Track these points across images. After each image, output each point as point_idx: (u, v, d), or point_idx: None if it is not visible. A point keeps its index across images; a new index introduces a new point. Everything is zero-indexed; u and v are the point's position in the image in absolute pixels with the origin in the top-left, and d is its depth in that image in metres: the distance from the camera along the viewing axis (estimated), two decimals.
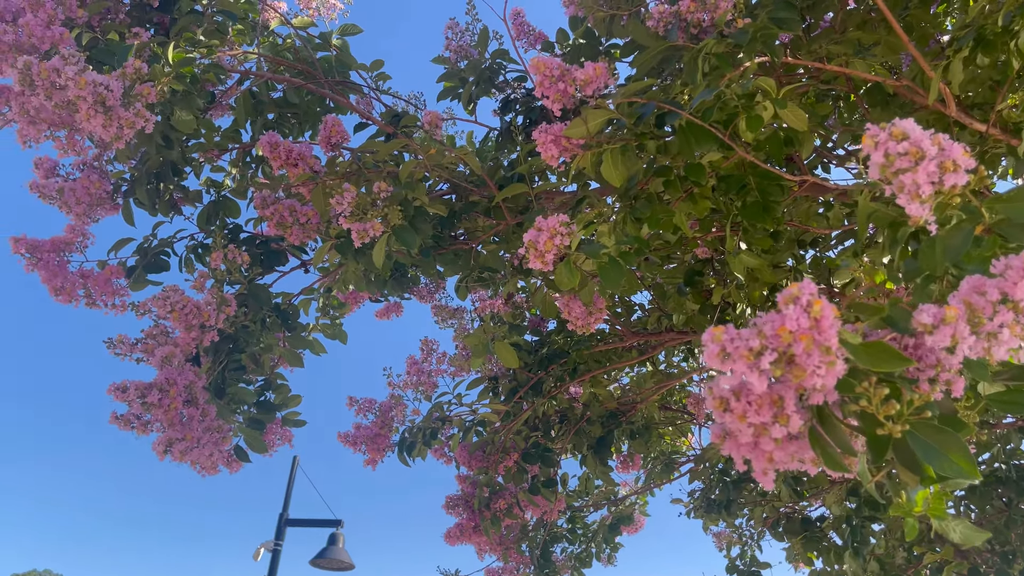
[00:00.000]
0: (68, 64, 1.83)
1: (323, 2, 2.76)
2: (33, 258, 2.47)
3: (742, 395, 0.93)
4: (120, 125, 1.85)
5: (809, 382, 0.89)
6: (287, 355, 2.67)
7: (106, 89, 1.83)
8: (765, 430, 0.93)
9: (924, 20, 2.45)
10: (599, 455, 3.22)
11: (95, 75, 1.80)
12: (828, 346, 0.87)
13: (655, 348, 3.15)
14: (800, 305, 0.89)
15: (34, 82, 1.86)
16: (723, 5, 2.24)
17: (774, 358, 0.88)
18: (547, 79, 1.99)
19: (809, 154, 2.53)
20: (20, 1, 2.18)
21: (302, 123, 2.82)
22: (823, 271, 2.83)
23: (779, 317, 0.89)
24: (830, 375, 0.88)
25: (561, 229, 2.05)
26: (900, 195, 1.11)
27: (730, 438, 0.99)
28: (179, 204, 2.70)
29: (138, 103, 1.88)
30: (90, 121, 1.86)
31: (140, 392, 2.22)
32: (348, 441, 3.03)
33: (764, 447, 0.96)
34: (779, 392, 0.92)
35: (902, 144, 1.10)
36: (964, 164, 1.07)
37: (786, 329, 0.88)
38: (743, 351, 0.89)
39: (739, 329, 0.94)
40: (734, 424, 0.94)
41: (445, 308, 3.26)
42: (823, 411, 0.98)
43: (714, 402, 0.95)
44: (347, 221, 2.19)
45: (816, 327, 0.88)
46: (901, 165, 1.09)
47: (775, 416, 0.92)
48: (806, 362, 0.87)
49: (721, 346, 0.92)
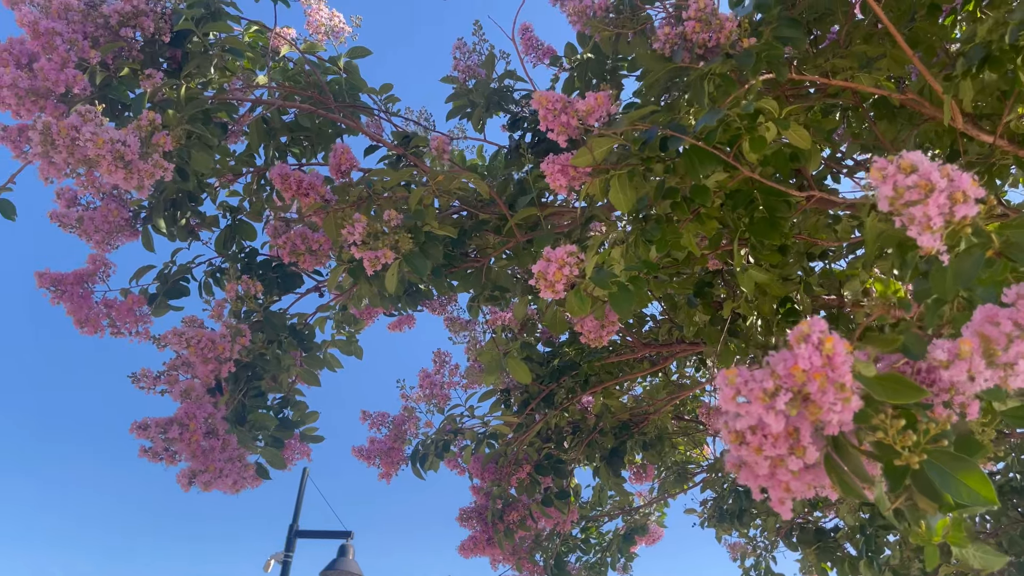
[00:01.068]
0: (86, 122, 1.88)
1: (332, 27, 2.80)
2: (57, 291, 2.54)
3: (758, 430, 0.94)
4: (141, 176, 1.90)
5: (826, 418, 0.89)
6: (304, 374, 2.73)
7: (123, 145, 1.89)
8: (782, 462, 0.94)
9: (930, 32, 2.44)
10: (612, 466, 3.25)
11: (112, 131, 1.86)
12: (843, 383, 0.88)
13: (667, 359, 3.18)
14: (811, 343, 0.89)
15: (55, 141, 1.91)
16: (728, 26, 2.25)
17: (789, 398, 0.89)
18: (550, 113, 2.02)
19: (815, 169, 2.54)
20: (34, 46, 2.24)
21: (315, 145, 2.87)
22: (833, 282, 2.84)
23: (791, 356, 0.90)
24: (846, 411, 0.89)
25: (569, 260, 2.08)
26: (911, 227, 1.12)
27: (746, 468, 1.00)
28: (196, 230, 2.76)
29: (155, 154, 1.93)
30: (112, 175, 1.92)
31: (161, 428, 2.29)
32: (363, 455, 3.09)
33: (781, 478, 0.96)
34: (795, 424, 0.92)
35: (911, 177, 1.10)
36: (974, 194, 1.07)
37: (799, 368, 0.89)
38: (758, 392, 0.90)
39: (752, 370, 0.96)
40: (750, 457, 0.95)
41: (457, 320, 3.31)
42: (839, 440, 0.98)
43: (730, 436, 0.96)
44: (359, 250, 2.24)
45: (829, 364, 0.89)
46: (911, 197, 1.10)
47: (791, 448, 0.93)
48: (821, 400, 0.88)
49: (736, 389, 0.93)
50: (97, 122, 1.96)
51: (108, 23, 2.35)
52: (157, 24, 2.40)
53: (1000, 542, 3.16)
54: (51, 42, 2.21)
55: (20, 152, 2.32)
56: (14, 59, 2.26)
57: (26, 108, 2.18)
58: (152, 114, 2.02)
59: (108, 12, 2.34)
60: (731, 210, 2.33)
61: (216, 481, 2.39)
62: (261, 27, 2.67)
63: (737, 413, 0.94)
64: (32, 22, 2.19)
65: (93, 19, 2.35)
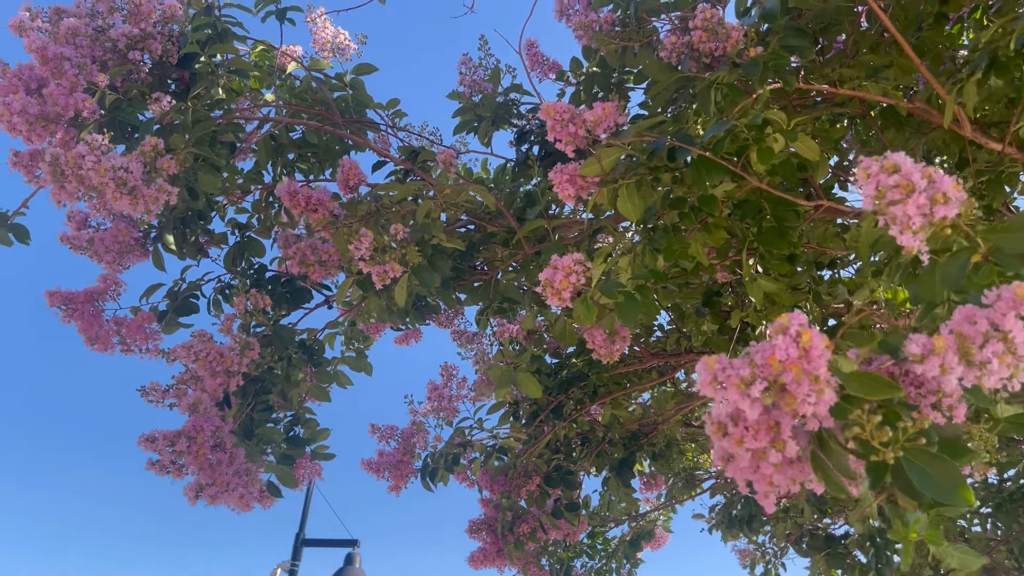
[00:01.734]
0: (92, 151, 1.90)
1: (337, 44, 2.81)
2: (68, 309, 2.56)
3: (739, 420, 0.96)
4: (146, 202, 1.92)
5: (801, 409, 0.91)
6: (314, 390, 2.73)
7: (125, 172, 1.90)
8: (763, 455, 0.96)
9: (937, 41, 2.44)
10: (622, 477, 3.24)
11: (114, 159, 1.87)
12: (817, 375, 0.90)
13: (675, 368, 3.17)
14: (789, 335, 0.92)
15: (63, 171, 1.93)
16: (735, 35, 2.26)
17: (764, 387, 0.91)
18: (557, 123, 2.03)
19: (824, 178, 2.54)
20: (43, 71, 2.25)
21: (322, 161, 2.88)
22: (841, 290, 2.83)
23: (769, 347, 0.92)
24: (821, 403, 0.90)
25: (576, 268, 2.09)
26: (892, 226, 1.13)
27: (731, 461, 1.02)
28: (205, 247, 2.77)
29: (159, 178, 1.95)
30: (117, 202, 1.93)
31: (169, 441, 2.30)
32: (372, 468, 3.09)
33: (764, 471, 0.98)
34: (776, 418, 0.94)
35: (893, 177, 1.12)
36: (954, 196, 1.09)
37: (776, 359, 0.91)
38: (734, 380, 0.92)
39: (731, 359, 0.98)
40: (733, 448, 0.97)
41: (464, 333, 3.31)
42: (823, 436, 1.00)
43: (712, 427, 0.98)
44: (367, 265, 2.25)
45: (805, 356, 0.90)
46: (893, 197, 1.12)
47: (772, 441, 0.95)
48: (796, 390, 0.90)
49: (713, 375, 0.95)
50: (102, 151, 1.97)
51: (116, 47, 2.37)
52: (165, 47, 2.42)
53: (1011, 549, 3.14)
54: (60, 67, 2.23)
55: (32, 177, 2.34)
56: (24, 85, 2.28)
57: (37, 133, 2.20)
58: (155, 140, 2.03)
59: (116, 36, 2.35)
60: (739, 220, 2.33)
61: (223, 495, 2.39)
62: (268, 46, 2.69)
63: (718, 402, 0.96)
64: (41, 48, 2.20)
65: (101, 43, 2.36)
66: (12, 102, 2.09)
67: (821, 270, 2.80)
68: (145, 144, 1.94)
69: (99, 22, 2.39)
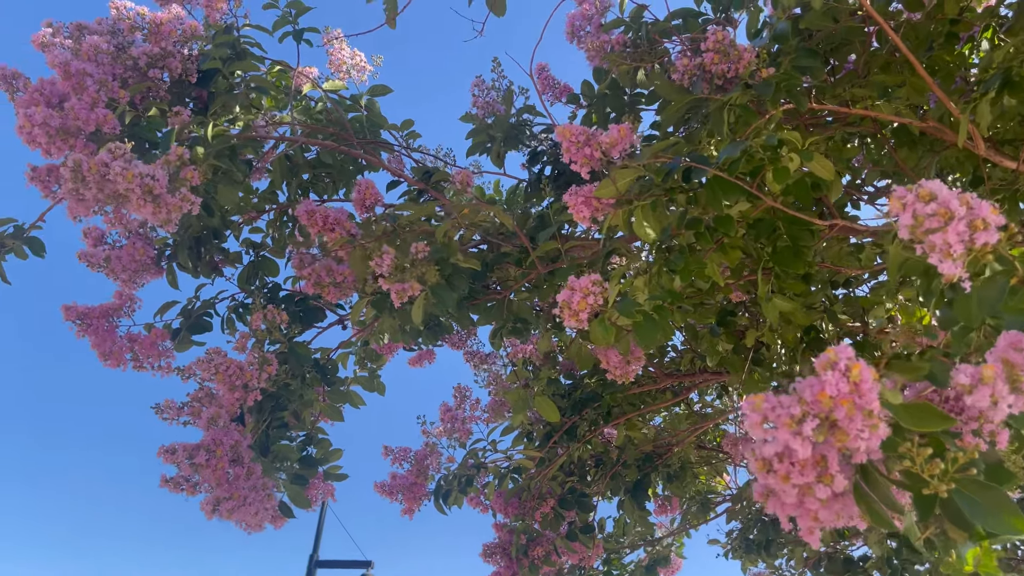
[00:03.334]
0: (116, 158, 1.91)
1: (353, 65, 2.85)
2: (84, 325, 2.56)
3: (785, 457, 0.94)
4: (169, 210, 1.93)
5: (853, 445, 0.90)
6: (327, 410, 2.72)
7: (152, 179, 1.91)
8: (810, 490, 0.94)
9: (948, 60, 2.45)
10: (636, 499, 3.21)
11: (141, 166, 1.88)
12: (870, 410, 0.89)
13: (689, 389, 3.15)
14: (839, 370, 0.90)
15: (85, 177, 1.94)
16: (746, 57, 2.28)
17: (816, 424, 0.90)
18: (573, 145, 2.04)
19: (837, 197, 2.54)
20: (64, 86, 2.28)
21: (336, 182, 2.90)
22: (857, 309, 2.82)
23: (819, 383, 0.90)
24: (874, 438, 0.89)
25: (593, 289, 2.09)
26: (932, 254, 1.12)
27: (774, 497, 1.00)
28: (220, 266, 2.78)
29: (183, 188, 1.96)
30: (141, 209, 1.94)
31: (188, 453, 2.29)
32: (385, 491, 3.06)
33: (810, 506, 0.96)
34: (822, 452, 0.92)
35: (930, 205, 1.11)
36: (994, 222, 1.09)
37: (826, 395, 0.89)
38: (785, 418, 0.91)
39: (779, 396, 0.96)
40: (778, 485, 0.95)
41: (477, 354, 3.30)
42: (867, 468, 0.98)
43: (757, 464, 0.96)
44: (386, 282, 2.25)
45: (856, 391, 0.89)
46: (931, 225, 1.11)
47: (819, 476, 0.93)
48: (849, 427, 0.89)
49: (763, 415, 0.94)
50: (127, 157, 1.99)
51: (137, 64, 2.40)
52: (184, 66, 2.45)
53: None
54: (82, 83, 2.26)
55: (49, 192, 2.35)
56: (45, 99, 2.31)
57: (56, 146, 2.22)
58: (181, 149, 2.05)
59: (137, 54, 2.39)
60: (754, 239, 2.33)
61: (239, 509, 2.37)
62: (284, 67, 2.72)
63: (764, 439, 0.94)
64: (63, 63, 2.23)
65: (122, 61, 2.40)
66: (34, 114, 2.11)
67: (836, 289, 2.79)
68: (171, 153, 1.96)
69: (120, 39, 2.43)
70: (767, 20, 2.53)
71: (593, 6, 2.75)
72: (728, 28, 2.85)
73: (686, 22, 2.74)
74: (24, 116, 2.15)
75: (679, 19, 2.74)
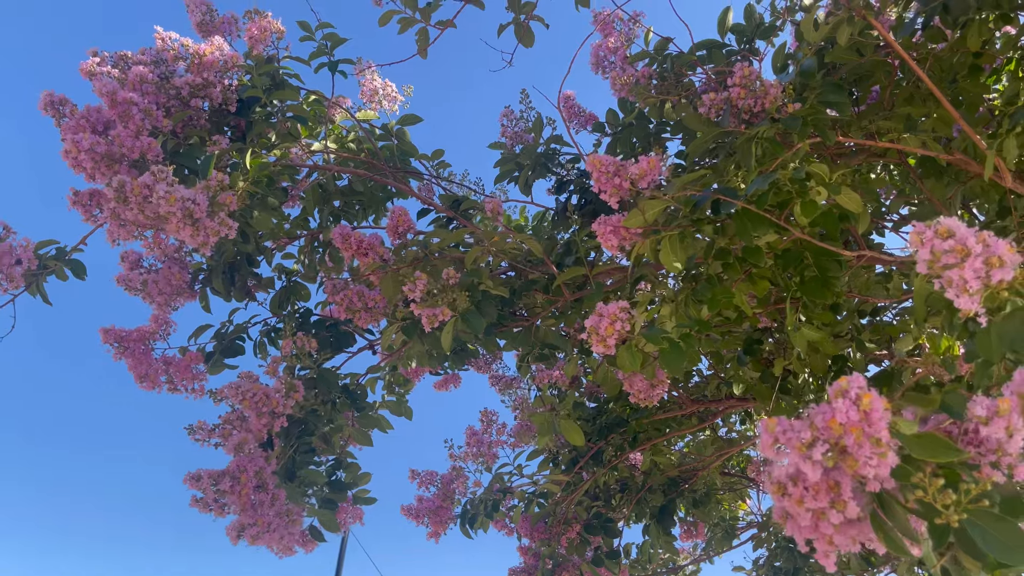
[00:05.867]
0: (159, 181, 1.97)
1: (385, 95, 2.92)
2: (121, 347, 2.62)
3: (799, 481, 0.97)
4: (207, 234, 1.98)
5: (862, 472, 0.92)
6: (356, 435, 2.75)
7: (193, 203, 1.97)
8: (823, 515, 0.96)
9: (972, 91, 2.48)
10: (662, 524, 3.21)
11: (183, 190, 1.94)
12: (878, 438, 0.91)
13: (715, 415, 3.16)
14: (849, 398, 0.93)
15: (128, 198, 2.00)
16: (772, 91, 2.31)
17: (826, 449, 0.92)
18: (603, 175, 2.08)
19: (864, 228, 2.56)
20: (110, 114, 2.36)
21: (366, 209, 2.96)
22: (884, 337, 2.82)
23: (829, 409, 0.93)
24: (882, 465, 0.91)
25: (621, 315, 2.11)
26: (949, 289, 1.15)
27: (791, 520, 1.03)
28: (253, 291, 2.84)
29: (222, 212, 2.02)
30: (179, 232, 2.00)
31: (213, 480, 2.33)
32: (411, 514, 3.08)
33: (824, 531, 0.99)
34: (836, 478, 0.95)
35: (948, 242, 1.14)
36: (1010, 260, 1.11)
37: (836, 422, 0.92)
38: (795, 442, 0.94)
39: (791, 420, 0.99)
40: (793, 508, 0.98)
41: (502, 378, 3.32)
42: (884, 496, 1.00)
43: (772, 486, 0.99)
44: (418, 307, 2.30)
45: (866, 419, 0.91)
46: (948, 261, 1.14)
47: (832, 502, 0.95)
48: (858, 453, 0.91)
49: (774, 437, 0.97)
50: (169, 181, 2.05)
51: (179, 93, 2.48)
52: (225, 95, 2.52)
53: None
54: (128, 111, 2.33)
55: (89, 216, 2.42)
56: (90, 125, 2.38)
57: (101, 172, 2.29)
58: (220, 175, 2.11)
59: (180, 84, 2.47)
60: (782, 270, 2.35)
61: (264, 535, 2.40)
62: (319, 96, 2.79)
63: (778, 462, 0.98)
64: (111, 92, 2.31)
65: (166, 90, 2.48)
66: (81, 140, 2.19)
67: (863, 318, 2.80)
68: (211, 179, 2.01)
69: (163, 69, 2.51)
70: (789, 53, 2.57)
71: (618, 38, 2.81)
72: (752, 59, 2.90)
73: (710, 53, 2.79)
74: (72, 142, 2.22)
75: (703, 50, 2.79)
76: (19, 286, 2.30)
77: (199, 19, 2.63)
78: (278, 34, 2.53)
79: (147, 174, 2.05)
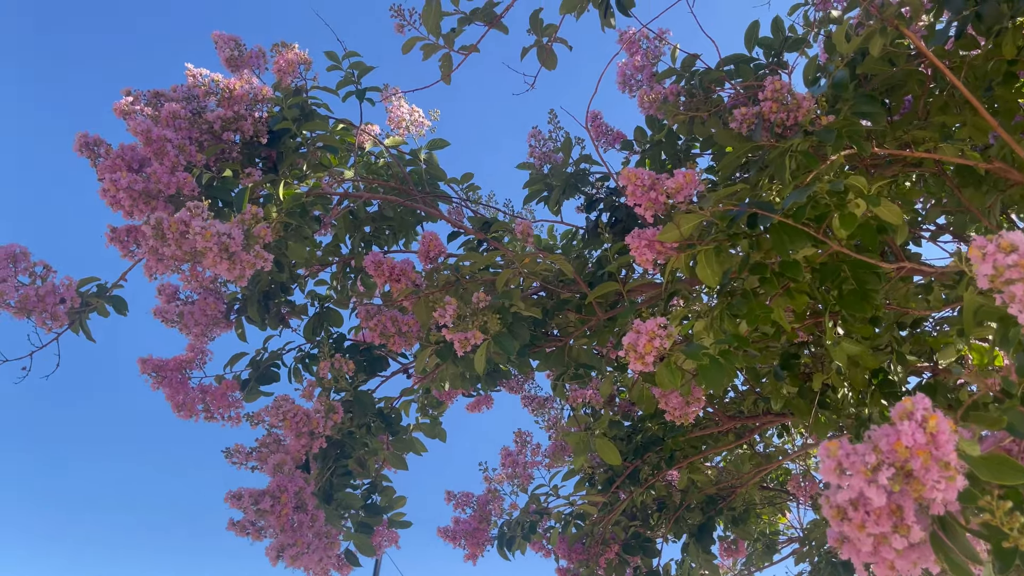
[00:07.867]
0: (194, 217, 2.00)
1: (412, 121, 2.94)
2: (159, 377, 2.65)
3: (860, 506, 0.94)
4: (243, 267, 2.00)
5: (929, 495, 0.90)
6: (392, 459, 2.75)
7: (229, 238, 1.99)
8: (885, 540, 0.94)
9: (1008, 97, 2.44)
10: (701, 542, 3.16)
11: (218, 225, 1.96)
12: (947, 461, 0.89)
13: (752, 431, 3.11)
14: (915, 420, 0.91)
15: (165, 235, 2.03)
16: (805, 105, 2.29)
17: (892, 473, 0.90)
18: (639, 189, 2.07)
19: (903, 240, 2.52)
20: (145, 151, 2.40)
21: (396, 234, 2.98)
22: (925, 348, 2.77)
23: (895, 432, 0.91)
24: (950, 489, 0.89)
25: (659, 332, 2.09)
26: (1012, 304, 1.12)
27: (849, 544, 1.00)
28: (286, 318, 2.86)
29: (257, 245, 2.03)
30: (216, 266, 2.01)
31: (254, 499, 2.34)
32: (448, 536, 3.07)
33: (885, 555, 0.96)
34: (898, 502, 0.93)
35: (1011, 256, 1.12)
36: None
37: (902, 445, 0.90)
38: (860, 466, 0.91)
39: (854, 443, 0.96)
40: (853, 533, 0.95)
41: (535, 398, 3.31)
42: (945, 518, 0.98)
43: (831, 511, 0.97)
44: (449, 332, 2.29)
45: (933, 442, 0.89)
46: (1011, 276, 1.11)
47: (895, 526, 0.93)
48: (925, 477, 0.89)
49: (837, 461, 0.94)
50: (204, 216, 2.08)
51: (212, 128, 2.52)
52: (256, 127, 2.56)
53: None
54: (163, 148, 2.37)
55: (127, 252, 2.46)
56: (126, 164, 2.43)
57: (139, 209, 2.32)
58: (255, 208, 2.13)
59: (212, 119, 2.50)
60: (820, 283, 2.32)
61: (303, 556, 2.40)
62: (348, 125, 2.82)
63: (839, 486, 0.95)
64: (145, 130, 2.35)
65: (198, 125, 2.51)
66: (119, 179, 2.23)
67: (903, 330, 2.75)
68: (246, 212, 2.03)
69: (195, 104, 2.55)
70: (820, 64, 2.55)
71: (645, 56, 2.80)
72: (780, 72, 2.88)
73: (738, 68, 2.77)
74: (110, 181, 2.26)
75: (731, 65, 2.77)
76: (63, 324, 2.33)
77: (228, 55, 2.67)
78: (305, 65, 2.56)
79: (183, 210, 2.07)
